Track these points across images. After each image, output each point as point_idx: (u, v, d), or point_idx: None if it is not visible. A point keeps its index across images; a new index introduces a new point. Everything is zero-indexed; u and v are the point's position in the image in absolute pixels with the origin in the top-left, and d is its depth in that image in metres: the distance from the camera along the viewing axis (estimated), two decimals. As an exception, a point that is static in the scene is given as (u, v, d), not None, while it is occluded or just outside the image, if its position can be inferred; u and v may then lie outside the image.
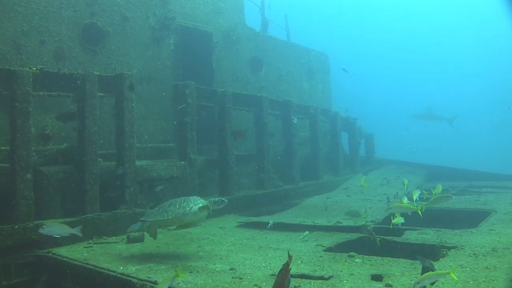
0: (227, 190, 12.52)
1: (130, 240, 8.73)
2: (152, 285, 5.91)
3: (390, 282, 5.54)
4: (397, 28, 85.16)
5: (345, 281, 5.74)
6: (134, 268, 6.74)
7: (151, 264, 6.94)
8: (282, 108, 15.55)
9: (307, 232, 8.86)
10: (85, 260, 7.34)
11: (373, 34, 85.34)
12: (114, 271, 6.62)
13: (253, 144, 14.68)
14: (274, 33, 20.96)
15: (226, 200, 7.63)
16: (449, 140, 58.99)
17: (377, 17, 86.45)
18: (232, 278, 6.02)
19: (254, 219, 10.85)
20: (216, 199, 7.53)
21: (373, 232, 7.94)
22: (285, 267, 4.67)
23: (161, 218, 7.29)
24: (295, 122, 15.56)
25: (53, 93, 9.57)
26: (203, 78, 15.41)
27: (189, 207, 7.23)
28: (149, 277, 6.18)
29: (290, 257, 4.69)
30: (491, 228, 8.68)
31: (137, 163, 10.52)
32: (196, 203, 7.27)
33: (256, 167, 14.29)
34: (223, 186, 12.65)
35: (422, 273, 5.09)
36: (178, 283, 5.73)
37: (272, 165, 14.63)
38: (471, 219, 10.15)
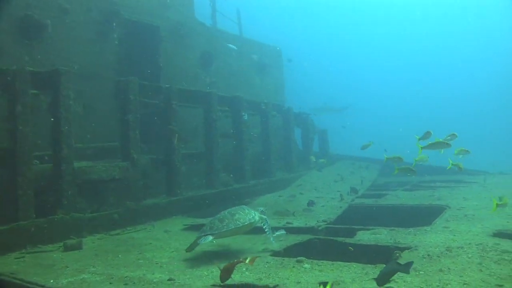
0: (174, 190, 12.05)
1: (67, 248, 8.20)
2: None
3: (339, 291, 5.22)
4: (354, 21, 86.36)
5: (291, 291, 5.39)
6: (66, 281, 6.22)
7: (85, 276, 6.43)
8: (232, 104, 15.10)
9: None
10: (12, 273, 6.71)
11: (333, 30, 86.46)
12: (43, 286, 6.06)
13: (203, 142, 14.21)
14: (227, 28, 20.53)
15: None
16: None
17: (332, 12, 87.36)
18: (169, 290, 5.60)
19: (200, 221, 10.40)
20: (262, 209, 8.11)
21: None
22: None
23: (234, 227, 7.20)
24: (246, 118, 15.18)
25: (-21, 91, 8.92)
26: (150, 74, 14.81)
27: (253, 214, 7.54)
28: (79, 292, 5.69)
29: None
30: (445, 226, 8.51)
31: (76, 164, 9.93)
32: (253, 211, 7.68)
33: (206, 166, 13.84)
34: (170, 186, 12.18)
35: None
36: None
37: (222, 163, 14.22)
38: (425, 215, 10.02)
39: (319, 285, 5.27)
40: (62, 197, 9.33)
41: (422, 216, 10.00)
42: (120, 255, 7.69)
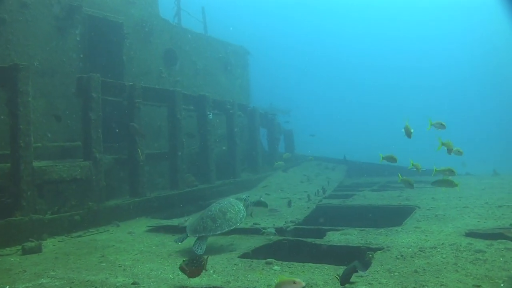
0: (137, 191, 11.77)
1: (26, 251, 7.87)
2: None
3: (312, 293, 5.09)
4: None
5: (261, 294, 5.23)
6: (23, 286, 5.94)
7: (44, 280, 6.14)
8: (197, 104, 14.90)
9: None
10: (-34, 278, 6.41)
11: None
12: (-2, 291, 5.78)
13: (167, 142, 13.95)
14: (192, 27, 20.27)
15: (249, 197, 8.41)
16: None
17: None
18: (133, 294, 5.37)
19: (165, 222, 10.19)
20: (244, 196, 8.35)
21: None
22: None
23: (228, 230, 7.44)
24: (211, 117, 14.99)
25: None
26: (113, 71, 14.49)
27: (242, 212, 7.73)
28: (37, 298, 5.41)
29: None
30: (416, 226, 8.51)
31: (36, 164, 9.56)
32: (241, 205, 7.84)
33: (170, 166, 13.57)
34: (134, 187, 11.90)
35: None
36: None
37: (187, 163, 13.98)
38: (395, 216, 10.02)
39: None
40: (21, 198, 8.94)
41: (392, 217, 10.01)
42: (81, 258, 7.42)
